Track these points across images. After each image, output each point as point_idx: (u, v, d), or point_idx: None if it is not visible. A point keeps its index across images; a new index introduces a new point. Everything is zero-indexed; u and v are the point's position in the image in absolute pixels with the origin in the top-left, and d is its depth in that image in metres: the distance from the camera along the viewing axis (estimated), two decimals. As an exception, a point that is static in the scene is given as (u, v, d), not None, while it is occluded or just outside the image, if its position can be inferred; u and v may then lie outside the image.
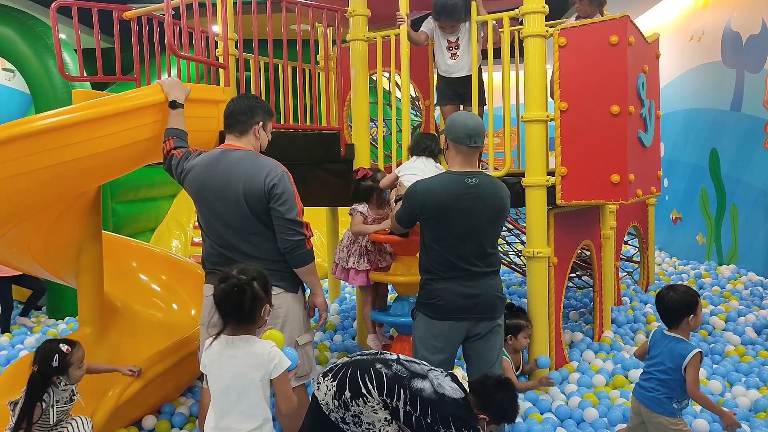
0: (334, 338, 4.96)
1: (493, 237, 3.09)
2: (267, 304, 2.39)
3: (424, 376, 2.55)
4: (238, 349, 2.32)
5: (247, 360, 2.30)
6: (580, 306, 5.60)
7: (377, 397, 2.50)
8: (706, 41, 7.78)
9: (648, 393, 2.92)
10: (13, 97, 8.62)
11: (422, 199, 3.02)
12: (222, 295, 2.31)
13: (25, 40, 5.86)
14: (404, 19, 3.97)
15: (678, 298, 2.90)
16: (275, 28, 4.02)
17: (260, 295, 2.33)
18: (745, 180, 6.78)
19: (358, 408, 2.50)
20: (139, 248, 4.89)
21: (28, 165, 2.83)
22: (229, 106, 3.13)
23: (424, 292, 3.08)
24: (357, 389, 2.51)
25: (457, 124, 3.03)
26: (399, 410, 2.49)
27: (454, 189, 2.98)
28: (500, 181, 3.17)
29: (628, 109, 3.68)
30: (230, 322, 2.33)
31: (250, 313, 2.32)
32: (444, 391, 2.51)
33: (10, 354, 4.88)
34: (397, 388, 2.50)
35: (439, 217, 2.99)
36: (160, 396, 3.63)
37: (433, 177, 3.16)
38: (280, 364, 2.31)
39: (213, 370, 2.35)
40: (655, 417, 2.89)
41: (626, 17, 3.68)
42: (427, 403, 2.47)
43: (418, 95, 5.61)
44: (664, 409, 2.87)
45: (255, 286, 2.32)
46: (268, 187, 2.90)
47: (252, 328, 2.37)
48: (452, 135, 3.03)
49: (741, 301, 5.68)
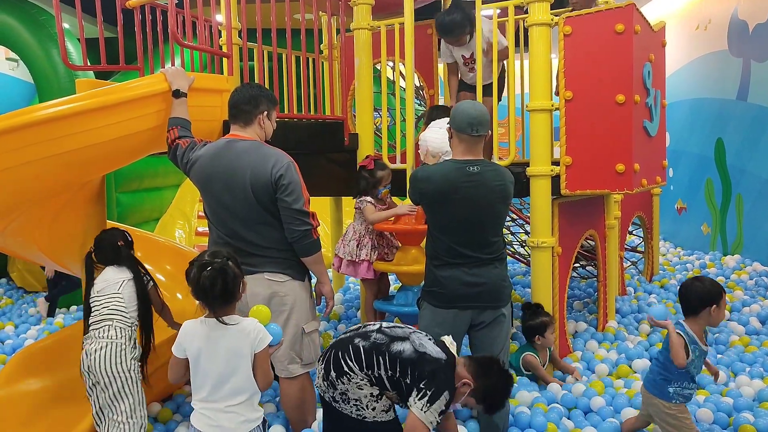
0: (338, 327, 4.98)
1: (496, 225, 3.08)
2: (242, 280, 2.50)
3: (404, 338, 2.63)
4: (228, 328, 2.43)
5: (236, 338, 2.42)
6: (584, 296, 5.60)
7: (359, 373, 2.59)
8: (712, 30, 7.73)
9: (649, 375, 3.00)
10: (17, 87, 8.61)
11: (422, 187, 3.04)
12: (209, 282, 2.39)
13: (28, 29, 5.85)
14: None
15: (703, 288, 2.90)
16: (279, 17, 4.00)
17: (237, 273, 2.46)
18: (751, 170, 6.75)
19: (344, 386, 2.61)
20: (143, 238, 4.88)
21: (32, 154, 2.83)
22: (233, 96, 3.13)
23: (429, 279, 3.09)
24: (339, 368, 2.62)
25: (460, 113, 3.02)
26: (382, 378, 2.57)
27: (453, 177, 2.97)
28: (505, 168, 3.16)
29: (634, 98, 3.66)
30: (217, 305, 2.43)
31: (232, 291, 2.44)
32: (425, 350, 2.58)
33: (15, 343, 4.90)
34: (376, 357, 2.58)
35: (441, 203, 2.99)
36: (165, 384, 3.64)
37: (434, 165, 3.17)
38: (263, 339, 2.45)
39: (202, 352, 2.44)
40: (651, 398, 2.95)
41: (632, 5, 3.65)
42: (406, 363, 2.55)
43: (422, 84, 5.60)
44: (660, 392, 2.91)
45: (231, 265, 2.44)
46: (275, 177, 2.91)
47: (234, 305, 2.49)
48: (455, 124, 3.02)
49: (746, 291, 5.68)
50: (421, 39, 5.29)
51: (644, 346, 4.32)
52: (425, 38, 5.39)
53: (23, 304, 6.43)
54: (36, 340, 4.67)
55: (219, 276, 2.39)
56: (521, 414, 3.27)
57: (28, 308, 6.22)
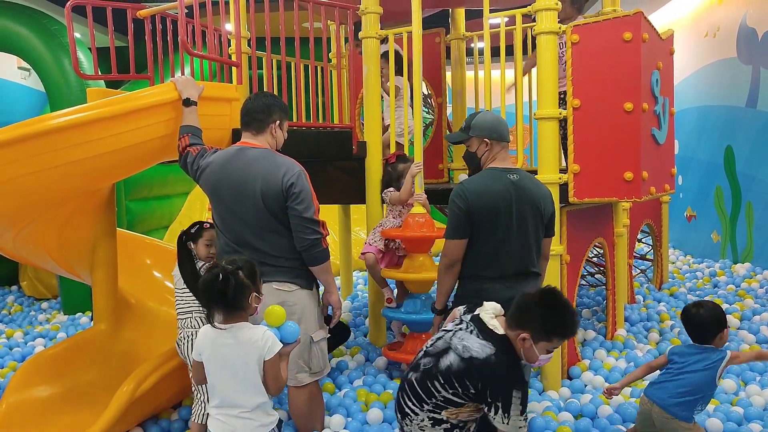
0: (346, 335, 4.97)
1: (538, 233, 2.99)
2: (254, 292, 2.47)
3: (447, 349, 2.47)
4: (233, 337, 2.42)
5: (243, 346, 2.41)
6: (592, 304, 5.58)
7: (420, 413, 2.48)
8: (721, 37, 7.71)
9: (672, 399, 2.83)
10: (29, 96, 8.69)
11: (472, 200, 2.89)
12: (207, 284, 2.42)
13: (40, 38, 5.91)
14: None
15: (709, 314, 2.85)
16: (288, 26, 4.03)
17: (245, 283, 2.43)
18: (761, 178, 6.72)
19: (408, 428, 2.53)
20: (152, 245, 4.92)
21: (43, 163, 2.87)
22: (247, 104, 3.14)
23: (468, 290, 2.95)
24: (402, 410, 2.55)
25: (497, 122, 3.01)
26: (447, 398, 2.44)
27: (500, 187, 2.90)
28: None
29: (642, 106, 3.66)
30: (218, 309, 2.43)
31: (234, 300, 2.41)
32: (470, 353, 2.40)
33: (25, 351, 4.93)
34: (430, 384, 2.45)
35: (492, 214, 2.88)
36: (175, 391, 3.65)
37: (475, 176, 3.05)
38: (272, 347, 2.42)
39: (210, 357, 2.46)
40: (671, 421, 2.83)
41: (640, 13, 3.66)
42: (461, 376, 2.40)
43: (430, 93, 5.61)
44: (686, 414, 2.82)
45: (240, 275, 2.42)
46: (286, 186, 2.92)
47: (242, 315, 2.46)
48: (497, 134, 2.99)
49: (756, 299, 5.63)
50: (429, 47, 5.31)
51: (653, 354, 4.29)
52: (433, 47, 5.41)
53: (31, 312, 6.47)
54: (44, 348, 4.69)
55: (218, 281, 2.38)
56: (533, 420, 3.26)
57: (37, 315, 6.26)
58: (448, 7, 5.70)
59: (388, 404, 3.54)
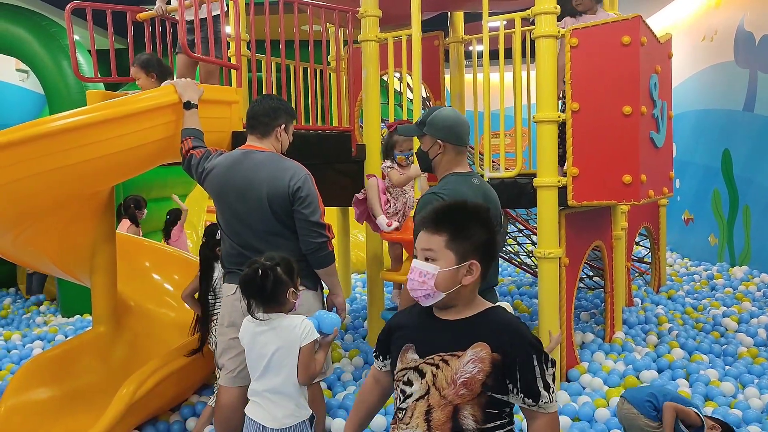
0: (345, 338, 4.98)
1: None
2: (292, 288, 2.53)
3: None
4: (271, 327, 2.50)
5: (281, 334, 2.49)
6: (591, 307, 5.59)
7: None
8: (718, 41, 7.74)
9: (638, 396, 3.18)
10: (28, 98, 8.68)
11: None
12: (245, 279, 2.49)
13: (39, 41, 5.91)
14: None
15: None
16: (287, 29, 4.04)
17: (283, 279, 2.49)
18: (758, 181, 6.74)
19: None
20: (151, 248, 4.93)
21: (43, 165, 2.87)
22: (253, 107, 3.14)
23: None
24: None
25: (456, 122, 2.77)
26: None
27: (471, 193, 2.70)
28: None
29: (640, 109, 3.67)
30: (257, 302, 2.50)
31: (272, 295, 2.49)
32: None
33: (23, 353, 4.92)
34: None
35: None
36: (174, 393, 3.65)
37: (447, 183, 2.78)
38: (309, 334, 2.50)
39: (249, 345, 2.55)
40: (640, 419, 3.10)
41: (638, 17, 3.67)
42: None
43: (429, 96, 5.62)
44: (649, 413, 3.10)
45: (278, 271, 2.49)
46: (293, 189, 2.93)
47: (280, 308, 2.53)
48: (454, 137, 2.76)
49: (753, 302, 5.66)
50: (428, 50, 5.32)
51: (652, 357, 4.30)
52: (432, 50, 5.43)
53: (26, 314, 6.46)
54: (43, 351, 4.69)
55: (258, 277, 2.46)
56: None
57: (35, 317, 6.25)
58: (447, 10, 5.72)
59: (387, 406, 3.54)
